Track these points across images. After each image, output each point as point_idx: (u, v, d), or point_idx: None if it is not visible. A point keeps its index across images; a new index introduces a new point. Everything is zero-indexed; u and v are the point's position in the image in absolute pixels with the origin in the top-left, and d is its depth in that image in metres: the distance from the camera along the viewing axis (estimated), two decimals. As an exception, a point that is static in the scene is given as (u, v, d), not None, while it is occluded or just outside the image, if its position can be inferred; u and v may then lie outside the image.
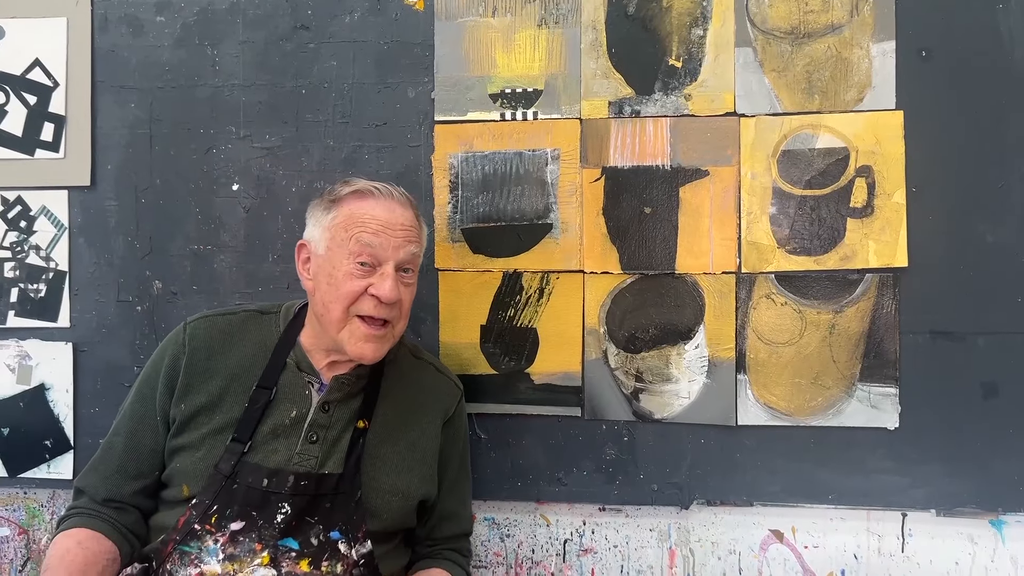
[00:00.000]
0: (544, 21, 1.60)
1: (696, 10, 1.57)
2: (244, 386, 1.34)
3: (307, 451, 1.31)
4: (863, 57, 1.53)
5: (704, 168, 1.57)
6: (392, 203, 1.32)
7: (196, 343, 1.36)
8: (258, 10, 1.67)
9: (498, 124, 1.61)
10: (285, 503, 1.27)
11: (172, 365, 1.36)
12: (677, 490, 1.60)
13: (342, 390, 1.35)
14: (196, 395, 1.34)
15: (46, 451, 1.70)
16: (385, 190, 1.33)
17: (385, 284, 1.28)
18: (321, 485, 1.30)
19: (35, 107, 1.70)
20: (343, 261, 1.29)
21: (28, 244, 1.71)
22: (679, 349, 1.58)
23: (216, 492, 1.27)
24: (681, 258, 1.57)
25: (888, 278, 1.53)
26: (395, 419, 1.39)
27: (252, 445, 1.30)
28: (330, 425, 1.33)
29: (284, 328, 1.39)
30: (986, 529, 1.57)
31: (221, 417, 1.32)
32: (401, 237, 1.31)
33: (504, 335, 1.62)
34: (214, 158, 1.68)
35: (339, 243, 1.30)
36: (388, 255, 1.29)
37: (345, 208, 1.32)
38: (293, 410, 1.33)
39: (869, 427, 1.54)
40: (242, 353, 1.37)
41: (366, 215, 1.30)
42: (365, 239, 1.28)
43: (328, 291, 1.30)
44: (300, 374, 1.36)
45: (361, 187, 1.33)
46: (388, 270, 1.29)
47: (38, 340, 1.71)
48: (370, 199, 1.32)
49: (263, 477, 1.28)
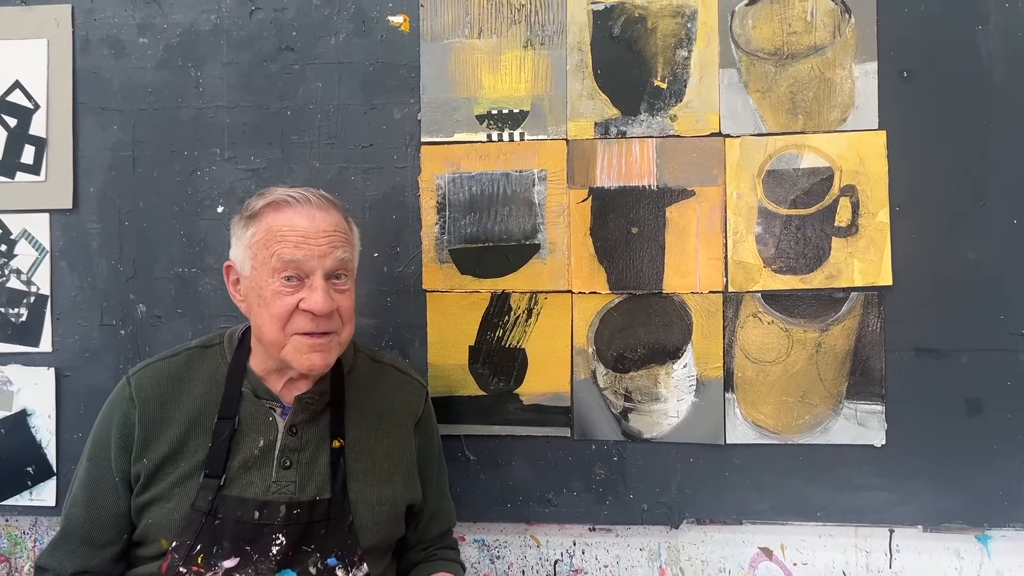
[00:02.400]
0: (530, 42, 1.60)
1: (680, 31, 1.58)
2: (204, 427, 1.29)
3: (283, 478, 1.27)
4: (846, 78, 1.55)
5: (690, 188, 1.58)
6: (311, 209, 1.25)
7: (145, 394, 1.30)
8: (242, 31, 1.66)
9: (485, 145, 1.61)
10: (279, 534, 1.24)
11: (124, 422, 1.30)
12: (667, 509, 1.60)
13: (307, 410, 1.31)
14: (157, 446, 1.28)
15: (28, 478, 1.67)
16: (302, 197, 1.26)
17: (315, 296, 1.22)
18: (314, 512, 1.27)
19: (15, 129, 1.68)
20: (269, 280, 1.24)
21: (8, 268, 1.69)
22: (667, 368, 1.59)
23: (197, 531, 1.23)
24: (668, 278, 1.58)
25: (873, 296, 1.55)
26: (368, 430, 1.36)
27: (227, 479, 1.26)
28: (301, 448, 1.30)
29: (231, 357, 1.34)
30: (972, 544, 1.58)
31: (188, 463, 1.27)
32: (325, 244, 1.24)
33: (493, 356, 1.62)
34: (198, 180, 1.66)
35: (262, 262, 1.24)
36: (314, 265, 1.23)
37: (263, 223, 1.26)
38: (260, 440, 1.29)
39: (856, 444, 1.55)
40: (195, 393, 1.31)
41: (284, 228, 1.24)
42: (287, 255, 1.22)
43: (261, 312, 1.25)
44: (260, 401, 1.31)
45: (276, 197, 1.27)
46: (316, 282, 1.23)
47: (19, 365, 1.68)
48: (287, 209, 1.25)
49: (253, 510, 1.24)
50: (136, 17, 1.67)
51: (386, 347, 1.64)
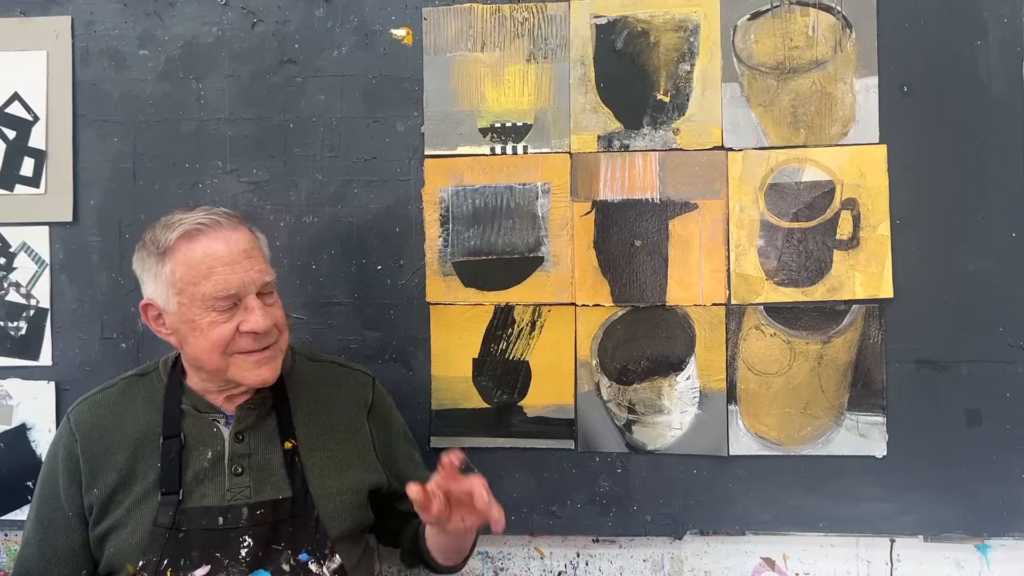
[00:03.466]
0: (533, 56, 1.61)
1: (683, 46, 1.59)
2: (150, 448, 1.29)
3: (237, 484, 1.29)
4: (847, 92, 1.56)
5: (693, 201, 1.58)
6: (225, 232, 1.24)
7: (84, 427, 1.31)
8: (244, 44, 1.65)
9: (488, 158, 1.61)
10: (246, 535, 1.26)
11: (68, 457, 1.30)
12: (670, 520, 1.61)
13: (250, 416, 1.32)
14: (106, 475, 1.29)
15: (28, 492, 1.66)
16: (212, 221, 1.25)
17: (254, 317, 1.23)
18: (278, 511, 1.28)
19: (14, 142, 1.67)
20: (201, 313, 1.23)
21: (8, 281, 1.67)
22: (671, 380, 1.59)
23: (162, 546, 1.24)
24: (672, 290, 1.59)
25: (874, 309, 1.56)
26: (318, 427, 1.37)
27: (184, 493, 1.27)
28: (251, 452, 1.31)
29: (167, 381, 1.34)
30: (972, 553, 1.60)
31: (140, 486, 1.28)
32: (249, 266, 1.24)
33: (496, 368, 1.62)
34: (200, 193, 1.65)
35: (190, 299, 1.23)
36: (246, 289, 1.23)
37: (179, 256, 1.23)
38: (208, 452, 1.30)
39: (857, 455, 1.57)
40: (135, 419, 1.32)
41: (205, 261, 1.22)
42: (220, 291, 1.22)
43: (198, 342, 1.24)
44: (202, 415, 1.32)
45: (187, 227, 1.23)
46: (252, 303, 1.23)
47: (19, 379, 1.67)
48: (202, 238, 1.23)
49: (217, 516, 1.26)
50: (137, 29, 1.67)
51: (389, 360, 1.64)
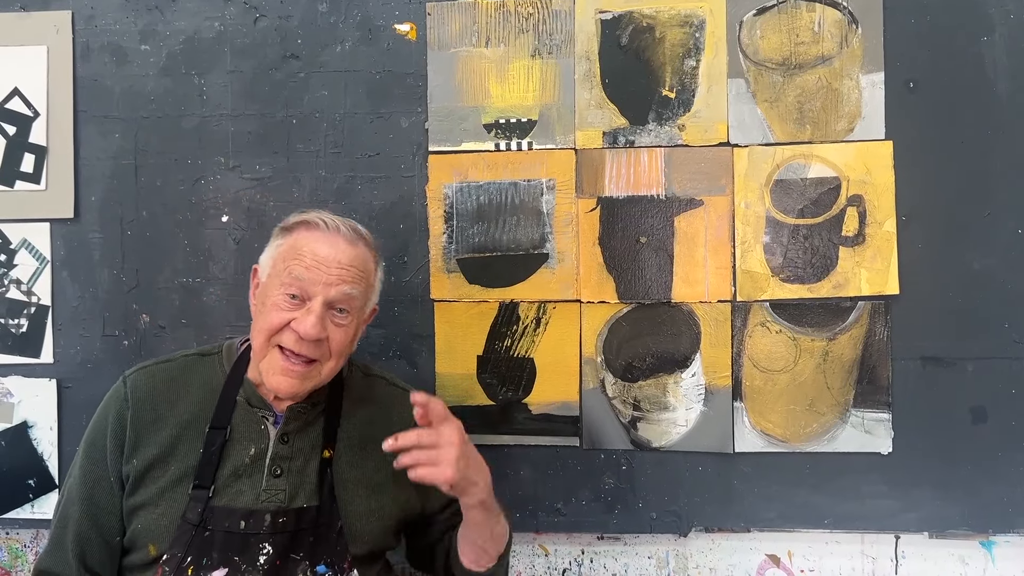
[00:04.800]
0: (538, 52, 1.60)
1: (689, 41, 1.58)
2: (196, 431, 1.29)
3: (273, 486, 1.28)
4: (853, 88, 1.56)
5: (699, 198, 1.58)
6: (336, 238, 1.27)
7: (139, 394, 1.31)
8: (246, 39, 1.64)
9: (492, 154, 1.61)
10: (265, 543, 1.24)
11: (117, 421, 1.30)
12: (675, 518, 1.60)
13: (298, 419, 1.31)
14: (147, 448, 1.28)
15: (29, 491, 1.65)
16: (332, 224, 1.28)
17: (307, 320, 1.22)
18: (301, 520, 1.27)
19: (14, 137, 1.65)
20: (274, 291, 1.26)
21: (8, 278, 1.66)
22: (676, 377, 1.59)
23: (187, 543, 1.23)
24: (677, 287, 1.58)
25: (880, 305, 1.56)
26: (358, 442, 1.35)
27: (215, 489, 1.26)
28: (293, 456, 1.30)
29: (229, 368, 1.34)
30: (977, 550, 1.60)
31: (177, 467, 1.27)
32: (335, 275, 1.25)
33: (501, 365, 1.61)
34: (202, 189, 1.64)
35: (276, 273, 1.27)
36: (317, 291, 1.24)
37: (291, 238, 1.29)
38: (251, 448, 1.29)
39: (863, 452, 1.56)
40: (189, 399, 1.32)
41: (305, 248, 1.26)
42: (296, 272, 1.24)
43: (259, 318, 1.28)
44: (252, 410, 1.31)
45: (310, 218, 1.29)
46: (314, 306, 1.23)
47: (20, 377, 1.66)
48: (316, 231, 1.28)
49: (239, 519, 1.25)
50: (138, 24, 1.65)
51: (394, 357, 1.63)
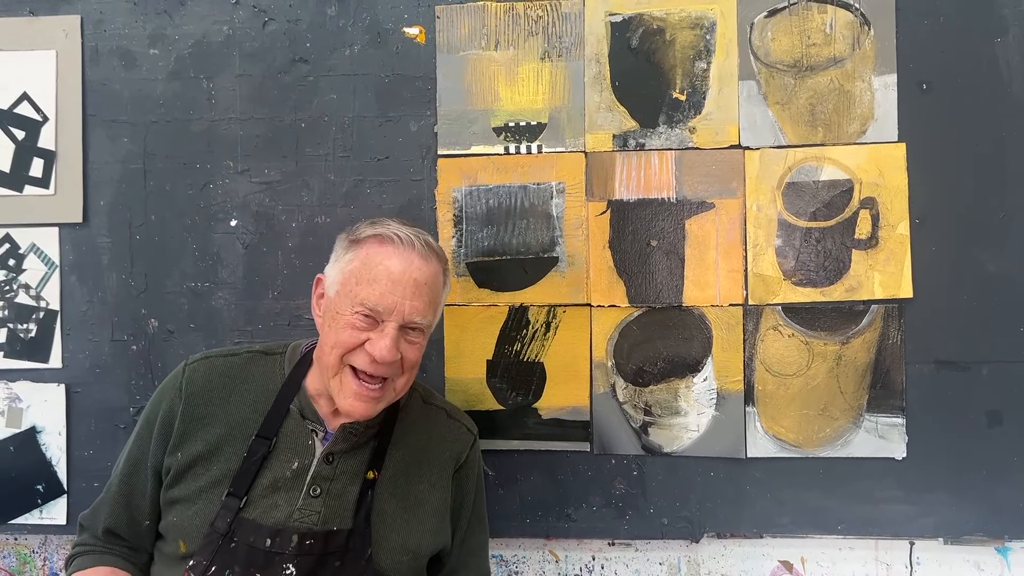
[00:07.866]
0: (547, 54, 1.59)
1: (699, 43, 1.57)
2: (243, 435, 1.27)
3: (309, 506, 1.24)
4: (865, 90, 1.55)
5: (710, 201, 1.57)
6: (411, 255, 1.23)
7: (193, 388, 1.30)
8: (255, 43, 1.64)
9: (502, 158, 1.60)
10: (290, 564, 1.21)
11: (168, 411, 1.30)
12: (687, 523, 1.59)
13: (349, 440, 1.28)
14: (193, 444, 1.28)
15: (38, 496, 1.65)
16: (407, 239, 1.24)
17: (382, 343, 1.19)
18: (329, 543, 1.23)
19: (23, 142, 1.65)
20: (347, 309, 1.22)
21: (17, 283, 1.66)
22: (687, 382, 1.58)
23: (213, 552, 1.21)
24: (688, 291, 1.57)
25: (893, 309, 1.54)
26: (404, 470, 1.32)
27: (249, 500, 1.24)
28: (334, 477, 1.27)
29: (289, 371, 1.32)
30: (992, 556, 1.58)
31: (218, 468, 1.26)
32: (411, 295, 1.21)
33: (511, 370, 1.60)
34: (211, 193, 1.64)
35: (348, 290, 1.22)
36: (390, 314, 1.20)
37: (362, 252, 1.24)
38: (295, 461, 1.26)
39: (877, 457, 1.55)
40: (243, 399, 1.30)
41: (379, 266, 1.21)
42: (370, 302, 1.20)
43: (329, 335, 1.24)
44: (304, 422, 1.29)
45: (383, 231, 1.25)
46: (389, 329, 1.20)
47: (29, 382, 1.66)
48: (389, 246, 1.23)
49: (265, 536, 1.22)
50: (147, 28, 1.65)
51: (403, 361, 1.62)
